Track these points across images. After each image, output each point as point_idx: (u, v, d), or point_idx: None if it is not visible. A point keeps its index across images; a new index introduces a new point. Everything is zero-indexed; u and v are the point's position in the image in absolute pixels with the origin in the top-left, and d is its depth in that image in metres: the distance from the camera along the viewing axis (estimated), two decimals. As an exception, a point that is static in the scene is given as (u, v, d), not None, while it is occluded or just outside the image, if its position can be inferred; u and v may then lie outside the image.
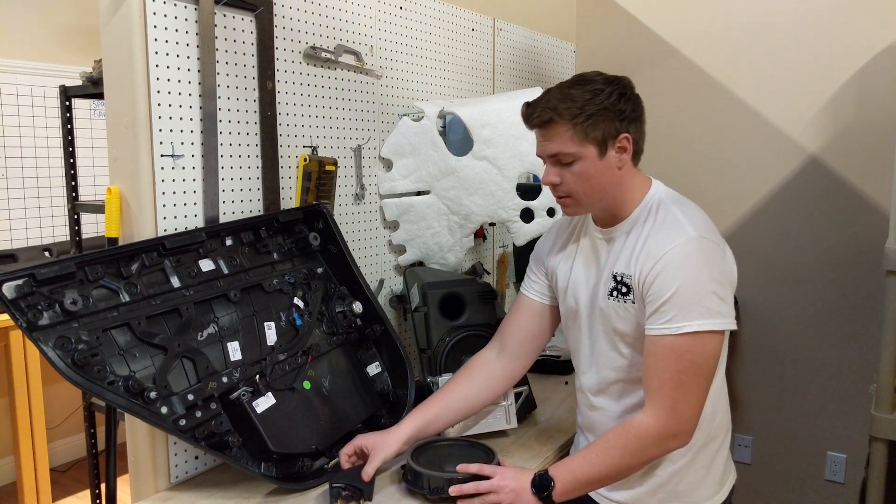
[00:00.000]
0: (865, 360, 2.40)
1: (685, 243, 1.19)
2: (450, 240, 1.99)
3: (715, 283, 1.18)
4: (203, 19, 1.42)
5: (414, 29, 2.02)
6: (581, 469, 1.23)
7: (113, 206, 1.40)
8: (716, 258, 1.21)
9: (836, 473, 2.50)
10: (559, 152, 1.25)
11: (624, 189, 1.29)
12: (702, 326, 1.16)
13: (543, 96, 1.27)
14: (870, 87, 2.33)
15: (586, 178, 1.25)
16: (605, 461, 1.22)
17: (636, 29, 2.76)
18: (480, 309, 1.70)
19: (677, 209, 1.25)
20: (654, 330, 1.20)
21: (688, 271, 1.17)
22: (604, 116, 1.23)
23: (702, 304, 1.16)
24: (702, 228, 1.22)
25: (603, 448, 1.23)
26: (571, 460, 1.26)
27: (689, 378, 1.18)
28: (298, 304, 1.54)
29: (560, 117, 1.23)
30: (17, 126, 3.17)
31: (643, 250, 1.23)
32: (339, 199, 1.81)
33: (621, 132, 1.24)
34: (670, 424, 1.19)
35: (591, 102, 1.22)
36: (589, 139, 1.23)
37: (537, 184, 1.98)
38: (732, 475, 1.40)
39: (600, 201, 1.29)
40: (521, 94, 1.98)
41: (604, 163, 1.25)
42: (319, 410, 1.47)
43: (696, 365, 1.18)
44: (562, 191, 1.29)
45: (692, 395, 1.19)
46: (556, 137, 1.25)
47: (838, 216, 2.42)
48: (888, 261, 1.75)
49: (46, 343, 1.15)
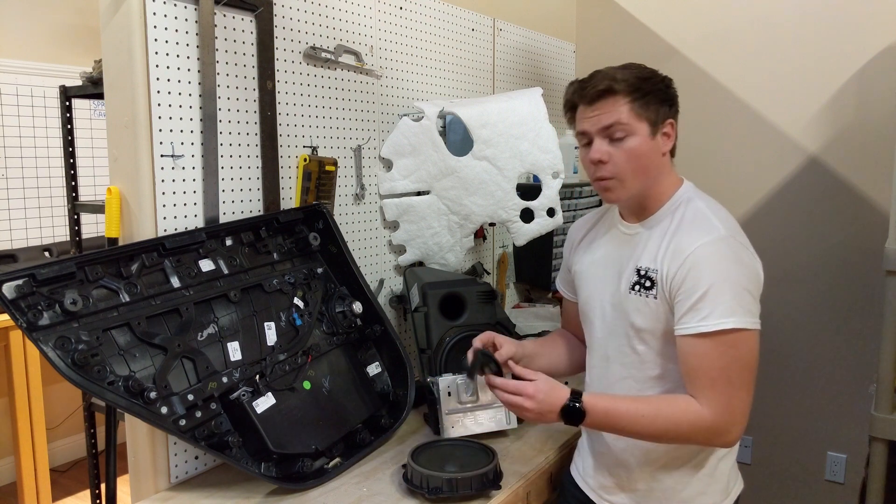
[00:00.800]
0: (865, 360, 2.39)
1: (717, 241, 1.19)
2: (450, 240, 1.99)
3: (748, 281, 1.18)
4: (203, 19, 1.42)
5: (414, 29, 2.02)
6: (619, 418, 1.21)
7: (113, 206, 1.40)
8: (746, 259, 1.21)
9: (836, 473, 2.50)
10: (615, 123, 1.23)
11: (660, 180, 1.29)
12: (737, 324, 1.15)
13: (598, 72, 1.27)
14: (870, 87, 2.33)
15: (637, 157, 1.24)
16: (648, 425, 1.19)
17: (636, 29, 2.76)
18: (480, 309, 1.70)
19: (707, 208, 1.26)
20: (691, 328, 1.18)
21: (721, 269, 1.17)
22: (657, 97, 1.25)
23: (737, 301, 1.16)
24: (732, 228, 1.22)
25: (651, 412, 1.19)
26: (613, 403, 1.22)
27: (737, 374, 1.17)
28: (298, 304, 1.54)
29: (619, 89, 1.23)
30: (17, 126, 3.17)
31: (671, 246, 1.23)
32: (339, 199, 1.81)
33: (668, 118, 1.27)
34: (724, 421, 1.17)
35: (648, 81, 1.25)
36: (643, 117, 1.24)
37: (537, 184, 1.98)
38: (739, 484, 1.38)
39: (642, 186, 1.28)
40: (521, 94, 1.98)
41: (654, 144, 1.26)
42: (319, 410, 1.47)
43: (742, 361, 1.17)
44: (608, 170, 1.26)
45: (742, 392, 1.18)
46: (612, 109, 1.24)
47: (838, 216, 2.42)
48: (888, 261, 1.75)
49: (46, 343, 1.15)
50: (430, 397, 1.62)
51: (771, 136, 2.52)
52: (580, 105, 1.30)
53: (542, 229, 1.99)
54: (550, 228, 2.01)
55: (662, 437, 1.22)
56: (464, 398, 1.56)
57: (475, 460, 1.39)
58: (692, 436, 1.20)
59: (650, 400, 1.24)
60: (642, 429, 1.20)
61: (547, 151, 1.93)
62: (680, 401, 1.20)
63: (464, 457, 1.41)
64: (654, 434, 1.21)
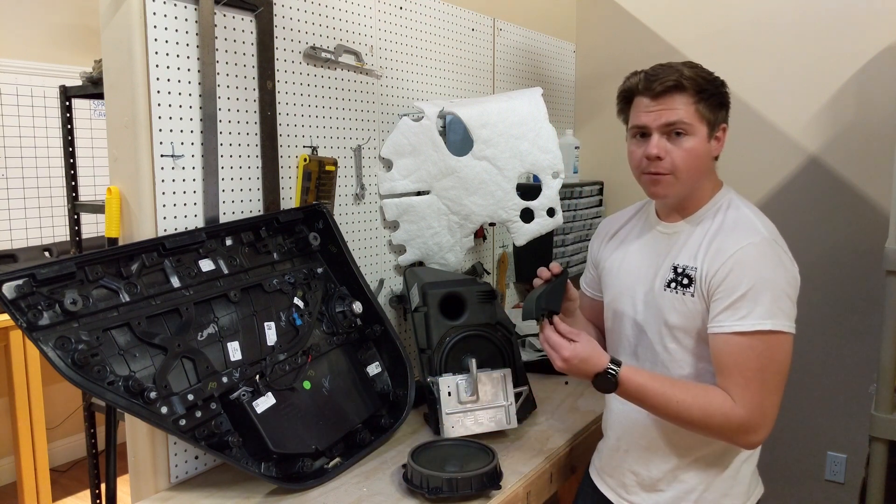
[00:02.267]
0: (865, 360, 2.39)
1: (760, 243, 1.19)
2: (450, 240, 1.99)
3: (788, 286, 1.18)
4: (203, 19, 1.42)
5: (414, 29, 2.02)
6: (650, 394, 1.21)
7: (113, 206, 1.40)
8: (787, 264, 1.20)
9: (836, 473, 2.50)
10: (679, 121, 1.22)
11: (706, 182, 1.29)
12: (775, 326, 1.15)
13: (664, 66, 1.26)
14: (870, 87, 2.33)
15: (693, 157, 1.24)
16: (678, 408, 1.19)
17: (636, 29, 2.76)
18: (480, 309, 1.70)
19: (749, 211, 1.26)
20: (728, 326, 1.18)
21: (763, 270, 1.17)
22: (719, 101, 1.25)
23: (776, 303, 1.16)
24: (774, 232, 1.23)
25: (685, 397, 1.19)
26: (648, 380, 1.22)
27: (771, 376, 1.17)
28: (298, 304, 1.54)
29: (688, 86, 1.22)
30: (17, 126, 3.17)
31: (713, 245, 1.23)
32: (339, 199, 1.81)
33: (723, 122, 1.27)
34: (756, 421, 1.17)
35: (712, 83, 1.25)
36: (705, 118, 1.24)
37: (537, 184, 1.98)
38: (759, 490, 1.37)
39: (692, 188, 1.28)
40: (521, 94, 1.98)
41: (709, 147, 1.26)
42: (319, 410, 1.48)
43: (777, 363, 1.17)
44: (663, 166, 1.25)
45: (774, 394, 1.18)
46: (677, 106, 1.23)
47: (838, 216, 2.42)
48: (888, 261, 1.75)
49: (46, 343, 1.15)
50: (430, 397, 1.62)
51: (771, 136, 2.52)
52: (641, 97, 1.27)
53: (542, 229, 1.99)
54: (550, 228, 2.01)
55: (691, 423, 1.21)
56: (464, 398, 1.56)
57: (475, 460, 1.39)
58: (720, 429, 1.19)
59: (687, 386, 1.23)
60: (673, 412, 1.20)
61: (547, 151, 1.93)
62: (716, 393, 1.20)
63: (464, 457, 1.41)
64: (684, 419, 1.21)
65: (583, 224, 2.59)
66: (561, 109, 2.82)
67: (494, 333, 1.68)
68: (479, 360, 1.60)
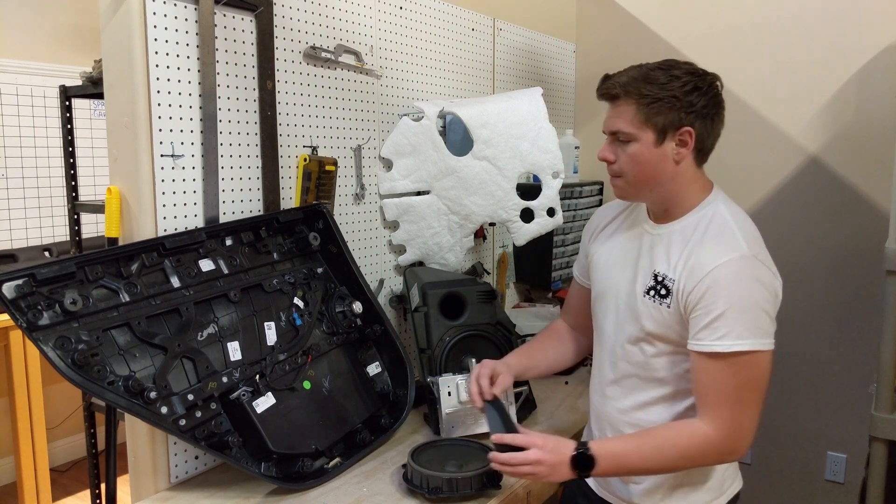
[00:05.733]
0: (865, 360, 2.39)
1: (739, 260, 1.17)
2: (450, 240, 1.99)
3: (766, 303, 1.17)
4: (203, 19, 1.42)
5: (414, 29, 2.02)
6: (627, 457, 1.21)
7: (113, 206, 1.40)
8: (766, 279, 1.19)
9: (836, 473, 2.50)
10: (618, 130, 1.24)
11: (680, 186, 1.26)
12: (754, 346, 1.15)
13: (622, 71, 1.26)
14: (870, 87, 2.33)
15: (637, 162, 1.24)
16: (658, 458, 1.20)
17: (636, 29, 2.76)
18: (480, 309, 1.70)
19: (733, 221, 1.23)
20: (706, 346, 1.17)
21: (740, 289, 1.16)
22: (670, 105, 1.21)
23: (754, 322, 1.16)
24: (755, 247, 1.21)
25: (658, 444, 1.20)
26: (618, 444, 1.24)
27: (748, 394, 1.18)
28: (298, 304, 1.54)
29: (627, 95, 1.22)
30: (17, 126, 3.17)
31: (692, 258, 1.21)
32: (339, 199, 1.81)
33: (684, 125, 1.22)
34: (732, 439, 1.18)
35: (663, 88, 1.21)
36: (649, 124, 1.21)
37: (537, 184, 1.98)
38: (737, 484, 1.37)
39: (651, 191, 1.27)
40: (521, 94, 1.98)
41: (659, 151, 1.23)
42: (319, 410, 1.48)
43: (754, 381, 1.18)
44: (614, 170, 1.28)
45: (751, 410, 1.19)
46: (619, 114, 1.24)
47: (838, 216, 2.42)
48: (888, 261, 1.75)
49: (46, 343, 1.15)
50: (430, 397, 1.62)
51: (771, 136, 2.52)
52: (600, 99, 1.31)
53: (542, 229, 1.99)
54: (550, 228, 2.01)
55: (675, 466, 1.23)
56: (464, 398, 1.56)
57: (475, 460, 1.39)
58: (703, 459, 1.22)
59: (655, 432, 1.24)
60: (654, 464, 1.22)
61: (547, 151, 1.93)
62: (684, 427, 1.21)
63: (464, 457, 1.41)
64: (666, 466, 1.23)
65: (583, 224, 2.58)
66: (561, 109, 2.82)
67: (494, 333, 1.68)
68: (479, 360, 1.60)
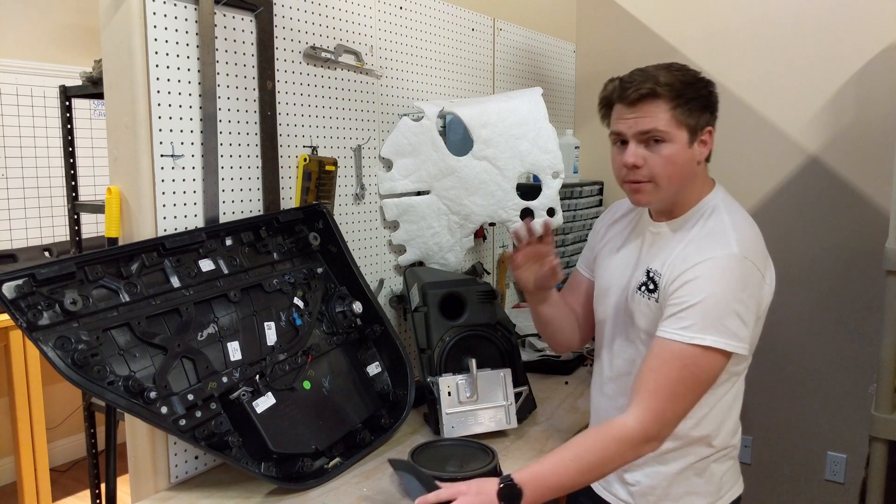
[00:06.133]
0: (865, 360, 2.39)
1: (725, 258, 1.16)
2: (450, 240, 1.99)
3: (741, 305, 1.15)
4: (203, 19, 1.42)
5: (414, 29, 2.02)
6: (552, 475, 1.15)
7: (113, 206, 1.40)
8: (751, 281, 1.18)
9: (836, 473, 2.50)
10: (653, 129, 1.20)
11: (692, 185, 1.26)
12: (715, 343, 1.13)
13: (640, 72, 1.22)
14: (870, 87, 2.33)
15: (673, 164, 1.21)
16: (579, 466, 1.15)
17: (636, 29, 2.76)
18: (480, 309, 1.70)
19: (729, 220, 1.22)
20: (668, 333, 1.17)
21: (719, 286, 1.15)
22: (700, 104, 1.21)
23: (722, 321, 1.14)
24: (746, 247, 1.18)
25: (577, 453, 1.16)
26: (541, 465, 1.17)
27: (686, 389, 1.15)
28: (298, 304, 1.54)
29: (662, 93, 1.19)
30: (17, 126, 3.17)
31: (681, 253, 1.21)
32: (339, 199, 1.81)
33: (708, 125, 1.23)
34: (652, 428, 1.15)
35: (692, 87, 1.21)
36: (684, 123, 1.20)
37: (537, 184, 1.98)
38: (737, 488, 1.37)
39: (675, 194, 1.26)
40: (521, 94, 1.98)
41: (691, 152, 1.22)
42: (319, 410, 1.48)
43: (697, 378, 1.15)
44: (642, 174, 1.23)
45: (681, 405, 1.16)
46: (652, 114, 1.20)
47: (838, 216, 2.42)
48: (888, 261, 1.75)
49: (46, 343, 1.15)
50: (430, 397, 1.62)
51: (771, 136, 2.52)
52: (618, 105, 1.25)
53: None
54: (550, 228, 2.01)
55: (598, 470, 1.17)
56: (464, 398, 1.56)
57: (475, 460, 1.39)
58: (622, 454, 1.16)
59: (574, 442, 1.20)
60: (578, 474, 1.15)
61: (547, 151, 1.93)
62: (601, 430, 1.18)
63: (464, 457, 1.41)
64: (591, 472, 1.16)
65: (583, 224, 2.59)
66: (561, 109, 2.82)
67: (494, 333, 1.68)
68: (479, 360, 1.60)
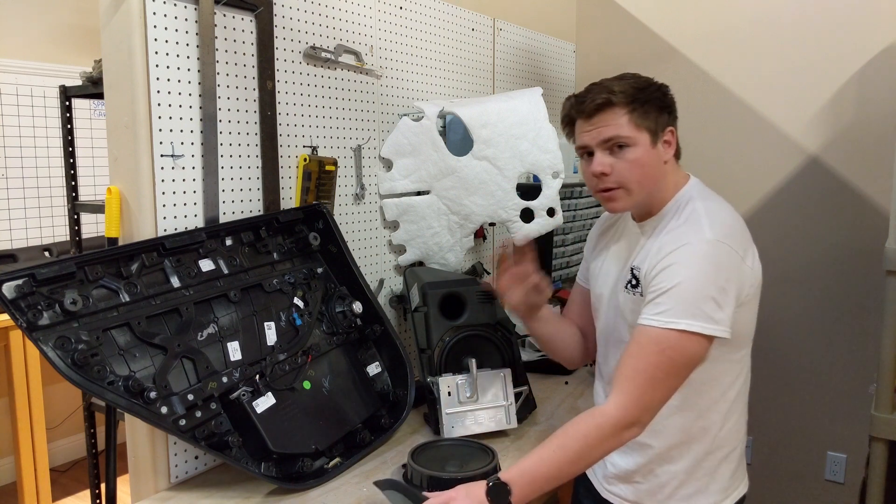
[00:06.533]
0: (865, 360, 2.39)
1: (697, 243, 1.18)
2: (450, 240, 1.99)
3: (717, 289, 1.16)
4: (203, 19, 1.42)
5: (414, 29, 2.02)
6: (538, 469, 1.17)
7: (113, 206, 1.40)
8: (728, 264, 1.18)
9: (836, 473, 2.50)
10: (615, 136, 1.24)
11: (664, 183, 1.30)
12: (690, 327, 1.14)
13: (595, 85, 1.28)
14: (870, 87, 2.33)
15: (640, 166, 1.25)
16: (564, 456, 1.16)
17: (636, 29, 2.76)
18: (480, 309, 1.70)
19: (703, 207, 1.24)
20: (644, 319, 1.18)
21: (692, 271, 1.16)
22: (655, 106, 1.26)
23: (697, 305, 1.15)
24: (721, 231, 1.20)
25: (560, 443, 1.17)
26: (527, 461, 1.18)
27: (664, 374, 1.16)
28: (298, 304, 1.54)
29: (617, 101, 1.24)
30: (17, 126, 3.17)
31: (658, 245, 1.24)
32: (339, 199, 1.81)
33: (669, 125, 1.28)
34: (631, 414, 1.15)
35: (645, 91, 1.26)
36: (643, 126, 1.25)
37: (537, 184, 1.98)
38: (742, 486, 1.37)
39: (648, 195, 1.29)
40: (521, 94, 1.98)
41: (655, 153, 1.27)
42: (319, 410, 1.48)
43: (674, 362, 1.16)
44: (612, 181, 1.26)
45: (661, 391, 1.17)
46: (611, 122, 1.24)
47: (838, 216, 2.42)
48: (888, 261, 1.75)
49: (46, 343, 1.15)
50: (430, 397, 1.62)
51: (771, 136, 2.52)
52: (579, 119, 1.30)
53: (542, 229, 1.99)
54: (550, 228, 2.01)
55: (582, 456, 1.17)
56: (464, 398, 1.56)
57: (475, 460, 1.39)
58: (605, 441, 1.16)
59: (558, 433, 1.20)
60: (564, 465, 1.16)
61: (547, 151, 1.93)
62: (583, 418, 1.19)
63: (464, 457, 1.42)
64: (576, 461, 1.17)
65: (583, 224, 2.58)
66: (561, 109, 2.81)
67: (494, 333, 1.68)
68: (479, 360, 1.60)
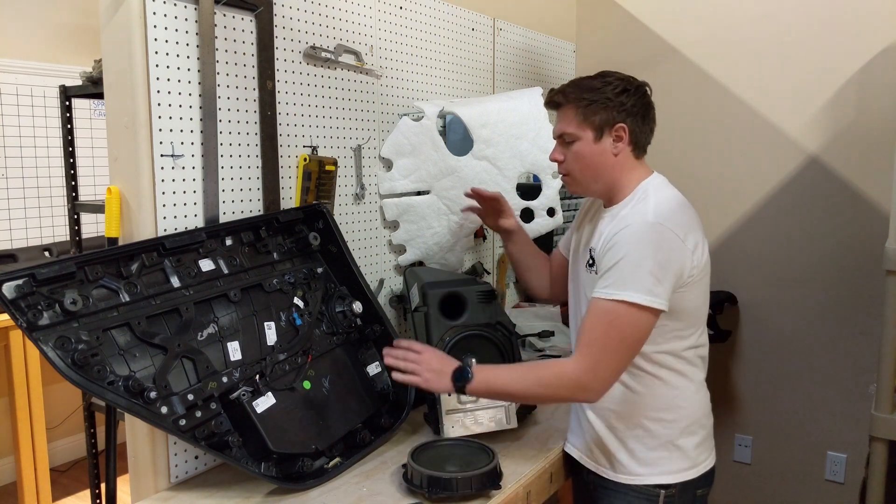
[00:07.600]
0: (865, 360, 2.39)
1: (639, 224, 1.31)
2: (450, 240, 1.99)
3: (656, 265, 1.27)
4: (203, 19, 1.42)
5: (414, 29, 2.02)
6: (498, 378, 1.36)
7: (113, 206, 1.40)
8: (668, 245, 1.29)
9: (836, 473, 2.50)
10: (563, 132, 1.43)
11: (620, 175, 1.42)
12: (631, 297, 1.26)
13: (565, 84, 1.45)
14: (870, 87, 2.33)
15: (580, 158, 1.42)
16: (521, 383, 1.35)
17: (636, 29, 2.76)
18: (480, 309, 1.69)
19: (654, 197, 1.36)
20: (595, 292, 1.32)
21: (633, 248, 1.29)
22: (604, 105, 1.39)
23: (637, 278, 1.27)
24: (662, 215, 1.32)
25: (524, 371, 1.38)
26: (497, 370, 1.39)
27: (615, 343, 1.28)
28: (298, 303, 1.54)
29: (566, 101, 1.42)
30: (17, 126, 3.17)
31: (609, 228, 1.37)
32: (339, 199, 1.81)
33: (618, 122, 1.39)
34: (587, 378, 1.29)
35: (597, 92, 1.39)
36: (587, 123, 1.40)
37: (537, 184, 1.98)
38: (710, 460, 1.47)
39: (595, 182, 1.44)
40: (521, 94, 1.98)
41: (598, 147, 1.41)
42: (319, 410, 1.48)
43: (623, 333, 1.28)
44: (562, 168, 1.47)
45: (613, 360, 1.29)
46: (563, 119, 1.43)
47: (838, 216, 2.42)
48: (888, 261, 1.75)
49: (46, 343, 1.15)
50: (430, 397, 1.62)
51: (771, 136, 2.52)
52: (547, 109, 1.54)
53: (542, 229, 1.99)
54: (550, 228, 2.01)
55: (535, 391, 1.35)
56: (464, 398, 1.56)
57: (475, 460, 1.39)
58: (557, 390, 1.33)
59: (529, 363, 1.43)
60: (518, 387, 1.36)
61: (547, 151, 1.92)
62: (551, 363, 1.36)
63: (464, 457, 1.41)
64: (528, 390, 1.35)
65: (583, 224, 2.59)
66: (561, 109, 2.81)
67: (494, 333, 1.68)
68: (479, 360, 1.59)
